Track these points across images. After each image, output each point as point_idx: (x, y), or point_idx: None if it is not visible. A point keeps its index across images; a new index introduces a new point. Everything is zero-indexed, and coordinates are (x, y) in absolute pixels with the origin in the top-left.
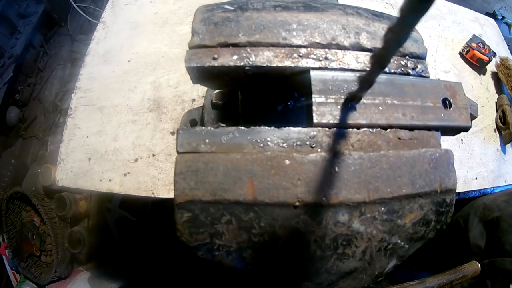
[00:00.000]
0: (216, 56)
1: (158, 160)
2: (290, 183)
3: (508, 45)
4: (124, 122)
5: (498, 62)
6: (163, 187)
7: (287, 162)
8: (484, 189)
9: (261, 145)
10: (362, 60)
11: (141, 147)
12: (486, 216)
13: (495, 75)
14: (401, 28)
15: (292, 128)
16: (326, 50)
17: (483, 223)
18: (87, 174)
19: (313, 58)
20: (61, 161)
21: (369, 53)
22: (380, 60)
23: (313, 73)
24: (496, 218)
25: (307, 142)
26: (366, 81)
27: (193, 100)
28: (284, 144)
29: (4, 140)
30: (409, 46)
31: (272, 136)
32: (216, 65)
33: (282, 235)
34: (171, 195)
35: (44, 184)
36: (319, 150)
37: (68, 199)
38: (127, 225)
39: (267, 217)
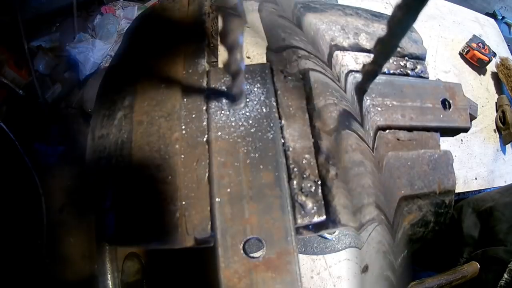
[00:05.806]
0: None
1: None
2: None
3: (508, 45)
4: None
5: (498, 62)
6: None
7: None
8: (484, 189)
9: None
10: (361, 61)
11: None
12: (479, 206)
13: (495, 75)
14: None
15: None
16: None
17: (477, 214)
18: None
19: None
20: None
21: (368, 54)
22: (385, 46)
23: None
24: (490, 208)
25: None
26: (371, 71)
27: None
28: None
29: None
30: (408, 46)
31: None
32: None
33: None
34: None
35: None
36: None
37: None
38: None
39: None
